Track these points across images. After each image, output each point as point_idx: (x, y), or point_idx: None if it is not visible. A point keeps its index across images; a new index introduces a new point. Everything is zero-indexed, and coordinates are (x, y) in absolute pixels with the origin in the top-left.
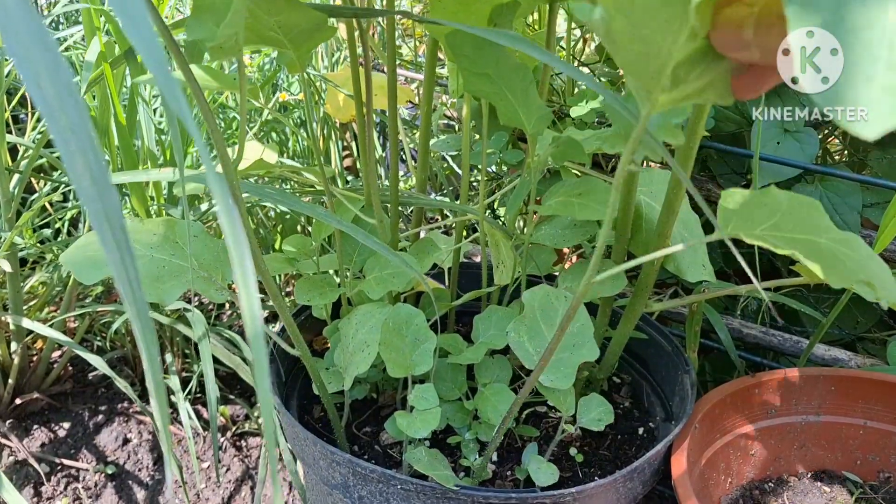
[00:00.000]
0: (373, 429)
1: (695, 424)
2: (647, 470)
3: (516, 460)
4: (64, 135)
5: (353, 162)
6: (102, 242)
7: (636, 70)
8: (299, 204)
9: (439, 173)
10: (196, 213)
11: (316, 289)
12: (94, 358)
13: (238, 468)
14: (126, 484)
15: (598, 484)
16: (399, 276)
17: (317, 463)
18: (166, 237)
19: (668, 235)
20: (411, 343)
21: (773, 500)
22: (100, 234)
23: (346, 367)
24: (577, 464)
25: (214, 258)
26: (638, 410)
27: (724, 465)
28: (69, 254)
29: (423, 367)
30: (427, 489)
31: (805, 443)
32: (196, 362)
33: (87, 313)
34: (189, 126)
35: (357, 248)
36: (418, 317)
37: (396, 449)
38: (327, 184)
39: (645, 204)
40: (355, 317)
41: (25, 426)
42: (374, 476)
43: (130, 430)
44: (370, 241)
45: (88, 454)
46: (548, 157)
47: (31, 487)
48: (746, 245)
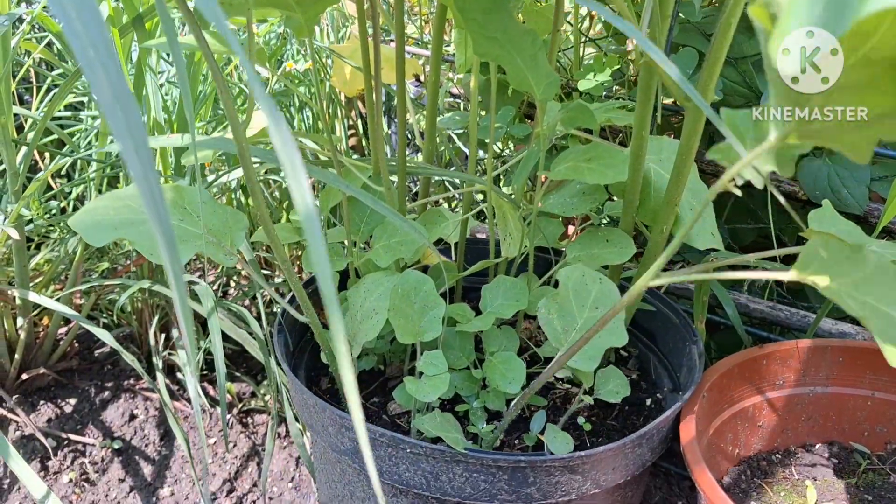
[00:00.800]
0: (380, 399)
1: (703, 393)
2: (655, 436)
3: (524, 429)
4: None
5: (357, 141)
6: (124, 153)
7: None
8: (308, 167)
9: (446, 152)
10: (204, 184)
11: None
12: (101, 331)
13: (245, 444)
14: (132, 459)
15: (607, 448)
16: (407, 245)
17: (325, 430)
18: (175, 203)
19: (676, 203)
20: (420, 310)
21: (780, 471)
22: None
23: (354, 335)
24: (586, 433)
25: (222, 224)
26: (645, 382)
27: (731, 436)
28: (78, 217)
29: (432, 333)
30: (437, 452)
31: (813, 414)
32: (202, 338)
33: (93, 290)
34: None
35: (364, 218)
36: (427, 283)
37: (404, 419)
38: (335, 151)
39: (654, 172)
40: (364, 285)
41: (32, 401)
42: (384, 440)
43: (137, 406)
44: (379, 206)
45: (95, 429)
46: (557, 122)
47: (38, 461)
48: (756, 220)
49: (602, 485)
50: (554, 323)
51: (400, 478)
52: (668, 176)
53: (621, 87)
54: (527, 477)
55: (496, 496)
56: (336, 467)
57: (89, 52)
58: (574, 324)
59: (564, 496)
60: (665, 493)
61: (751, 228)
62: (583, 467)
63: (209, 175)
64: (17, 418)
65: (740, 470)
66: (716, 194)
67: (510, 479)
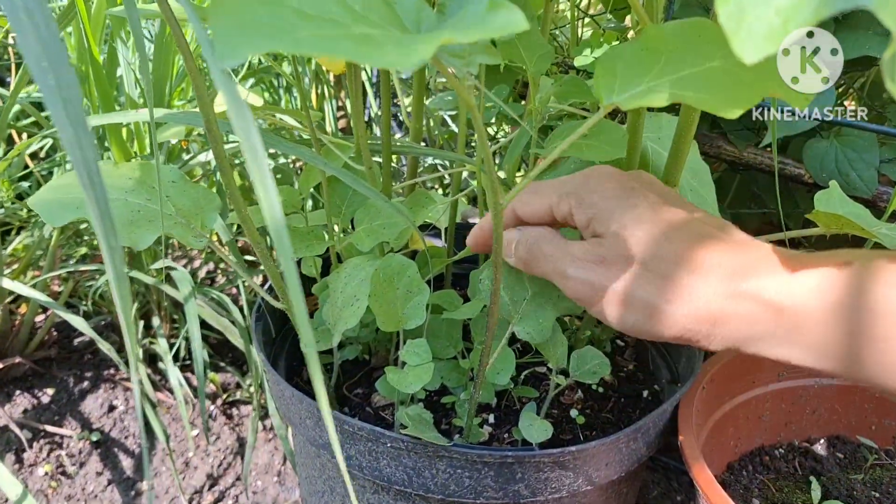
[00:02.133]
0: (364, 390)
1: (702, 385)
2: (651, 430)
3: (514, 422)
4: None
5: (347, 123)
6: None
7: None
8: (282, 143)
9: (438, 135)
10: (178, 164)
11: (303, 241)
12: (77, 319)
13: (229, 437)
14: (111, 451)
15: (600, 443)
16: (390, 228)
17: (304, 422)
18: (142, 181)
19: (675, 183)
20: (403, 295)
21: (783, 466)
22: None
23: (334, 322)
24: (579, 426)
25: (193, 204)
26: (642, 373)
27: (732, 430)
28: (38, 196)
29: (416, 320)
30: (419, 447)
31: (818, 407)
32: (184, 326)
33: (72, 277)
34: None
35: (346, 200)
36: (411, 268)
37: (389, 411)
38: (313, 128)
39: (652, 150)
40: (345, 270)
41: (7, 392)
42: (363, 434)
43: (117, 396)
44: (360, 186)
45: (73, 421)
46: (550, 97)
47: (13, 454)
48: (760, 205)
49: (595, 481)
50: (503, 297)
51: (381, 473)
52: (667, 154)
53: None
54: (514, 473)
55: (482, 493)
56: (316, 462)
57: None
58: (525, 295)
59: (555, 493)
60: (664, 488)
61: (755, 214)
62: (574, 463)
63: (185, 155)
64: None
65: (741, 465)
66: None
67: (496, 476)
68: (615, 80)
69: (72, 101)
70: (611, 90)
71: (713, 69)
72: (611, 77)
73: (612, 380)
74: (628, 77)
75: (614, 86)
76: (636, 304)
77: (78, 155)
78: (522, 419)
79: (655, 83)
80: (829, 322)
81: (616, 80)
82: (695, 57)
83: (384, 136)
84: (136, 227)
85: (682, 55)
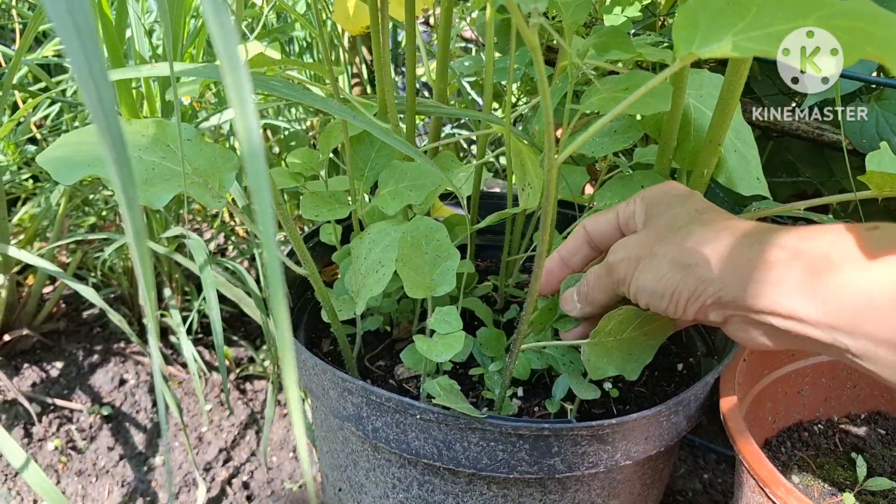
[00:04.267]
0: (387, 362)
1: (743, 357)
2: (692, 403)
3: (545, 395)
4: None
5: (362, 90)
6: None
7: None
8: (308, 95)
9: (456, 104)
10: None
11: (324, 203)
12: (87, 290)
13: (242, 412)
14: (123, 426)
15: (641, 415)
16: (417, 189)
17: (326, 394)
18: (156, 139)
19: (719, 142)
20: (432, 260)
21: (823, 442)
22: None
23: (358, 290)
24: (612, 400)
25: (210, 163)
26: (676, 346)
27: (770, 405)
28: (47, 153)
29: (446, 286)
30: (450, 419)
31: (858, 382)
32: (196, 298)
33: (80, 247)
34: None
35: (369, 162)
36: (440, 231)
37: (413, 384)
38: (335, 83)
39: (694, 109)
40: (369, 235)
41: (15, 364)
42: (391, 405)
43: (127, 370)
44: (390, 138)
45: (83, 395)
46: (588, 49)
47: (21, 428)
48: (792, 173)
49: (633, 456)
50: (591, 362)
51: (408, 447)
52: (710, 113)
53: (650, 29)
54: (550, 447)
55: (515, 467)
56: (338, 435)
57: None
58: (609, 369)
59: (591, 468)
60: (690, 466)
61: (788, 182)
62: (613, 436)
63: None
64: None
65: (779, 441)
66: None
67: (532, 449)
68: (696, 32)
69: (89, 37)
70: (690, 42)
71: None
72: (692, 29)
73: None
74: (712, 30)
75: (695, 37)
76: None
77: (94, 95)
78: (571, 380)
79: (741, 37)
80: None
81: (698, 32)
82: (787, 13)
83: (409, 93)
84: (151, 186)
85: (773, 11)
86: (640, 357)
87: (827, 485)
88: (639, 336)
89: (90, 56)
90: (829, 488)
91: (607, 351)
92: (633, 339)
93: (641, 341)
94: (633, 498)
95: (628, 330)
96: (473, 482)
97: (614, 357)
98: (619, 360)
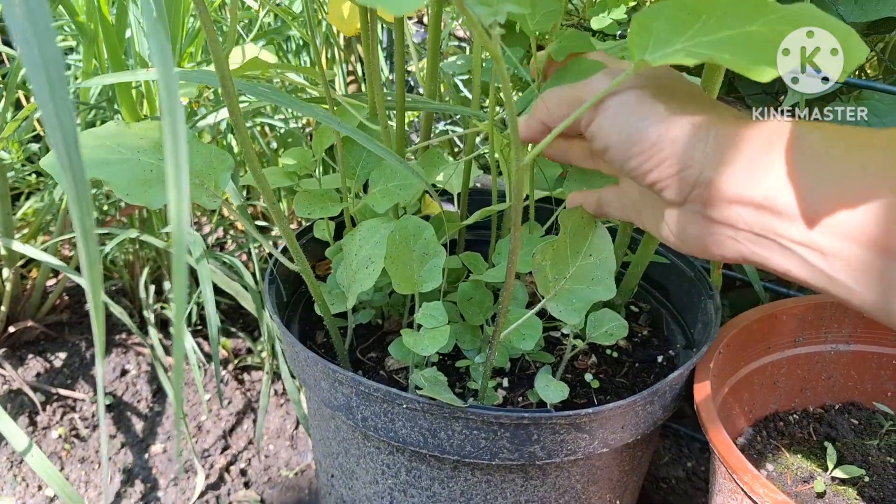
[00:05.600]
0: (378, 354)
1: (719, 350)
2: (668, 393)
3: (528, 386)
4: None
5: (357, 88)
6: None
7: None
8: (297, 103)
9: (450, 100)
10: (188, 124)
11: (317, 202)
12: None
13: (240, 401)
14: (124, 415)
15: (617, 405)
16: (406, 189)
17: (318, 384)
18: (153, 141)
19: None
20: (419, 258)
21: (798, 431)
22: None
23: (349, 285)
24: (593, 391)
25: (206, 164)
26: (657, 339)
27: (747, 396)
28: (51, 157)
29: (432, 283)
30: (435, 408)
31: (833, 373)
32: (194, 291)
33: None
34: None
35: (361, 161)
36: (427, 230)
37: (402, 375)
38: (328, 87)
39: None
40: (359, 232)
41: (20, 355)
42: (379, 395)
43: (129, 361)
44: (374, 146)
45: (85, 384)
46: (547, 55)
47: (26, 417)
48: None
49: (610, 444)
50: (546, 271)
51: (396, 435)
52: None
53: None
54: (530, 435)
55: (497, 454)
56: (330, 424)
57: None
58: (565, 272)
59: (570, 455)
60: (674, 455)
61: None
62: (590, 425)
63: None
64: (3, 372)
65: (755, 430)
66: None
67: (512, 437)
68: (650, 38)
69: (56, 73)
70: (644, 48)
71: (752, 33)
72: (646, 35)
73: (627, 345)
74: (664, 36)
75: (648, 44)
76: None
77: (55, 124)
78: (538, 380)
79: (691, 44)
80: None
81: (651, 38)
82: (734, 20)
83: (399, 92)
84: (150, 187)
85: (721, 17)
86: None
87: (800, 472)
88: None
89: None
90: (801, 475)
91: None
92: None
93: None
94: (612, 484)
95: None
96: (458, 468)
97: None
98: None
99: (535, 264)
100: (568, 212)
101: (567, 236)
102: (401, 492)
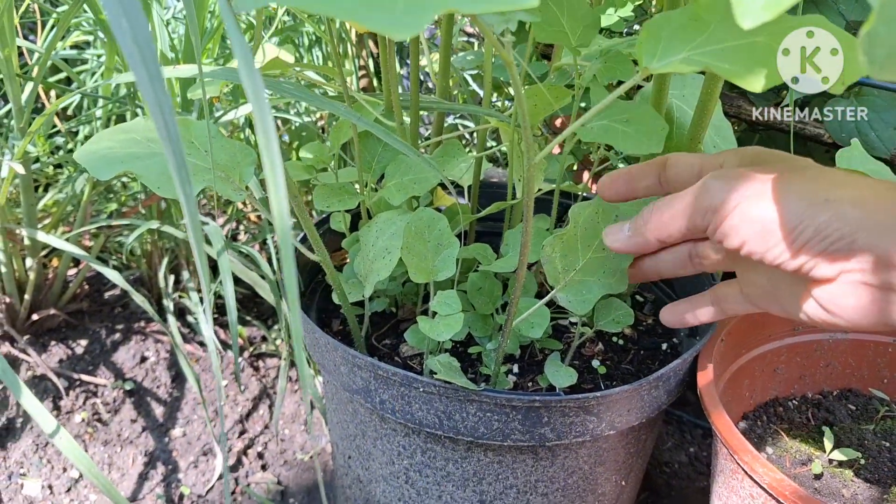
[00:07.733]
0: (392, 341)
1: (721, 338)
2: (672, 379)
3: (537, 372)
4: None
5: (368, 83)
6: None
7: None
8: (317, 98)
9: (459, 95)
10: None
11: (335, 195)
12: (112, 272)
13: (256, 387)
14: (144, 400)
15: (623, 389)
16: (421, 182)
17: (337, 369)
18: (182, 137)
19: (700, 140)
20: (434, 248)
21: (797, 416)
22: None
23: (366, 275)
24: (600, 376)
25: (231, 159)
26: (661, 327)
27: (747, 382)
28: (83, 151)
29: (446, 272)
30: (450, 391)
31: (831, 361)
32: (213, 281)
33: (102, 232)
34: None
35: (376, 156)
36: (441, 221)
37: (416, 361)
38: (345, 83)
39: (676, 108)
40: (376, 224)
41: (43, 342)
42: (397, 379)
43: (148, 348)
44: (391, 139)
45: (106, 371)
46: (592, 75)
47: (50, 401)
48: None
49: (617, 426)
50: (556, 262)
51: (412, 417)
52: (692, 112)
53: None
54: (541, 417)
55: (509, 436)
56: (347, 407)
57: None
58: (576, 264)
59: (578, 437)
60: (677, 440)
61: None
62: (598, 408)
63: (217, 112)
64: (28, 358)
65: (756, 415)
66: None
67: (524, 419)
68: (658, 46)
69: (147, 48)
70: (652, 55)
71: (755, 44)
72: (654, 42)
73: (632, 333)
74: (672, 44)
75: (656, 51)
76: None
77: (157, 114)
78: (548, 366)
79: (695, 52)
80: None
81: (659, 45)
82: (741, 29)
83: (413, 90)
84: None
85: (728, 27)
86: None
87: (798, 455)
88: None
89: (150, 70)
90: (800, 458)
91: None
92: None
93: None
94: (618, 465)
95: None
96: (471, 449)
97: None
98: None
99: (544, 255)
100: (581, 205)
101: (578, 229)
102: (416, 472)
